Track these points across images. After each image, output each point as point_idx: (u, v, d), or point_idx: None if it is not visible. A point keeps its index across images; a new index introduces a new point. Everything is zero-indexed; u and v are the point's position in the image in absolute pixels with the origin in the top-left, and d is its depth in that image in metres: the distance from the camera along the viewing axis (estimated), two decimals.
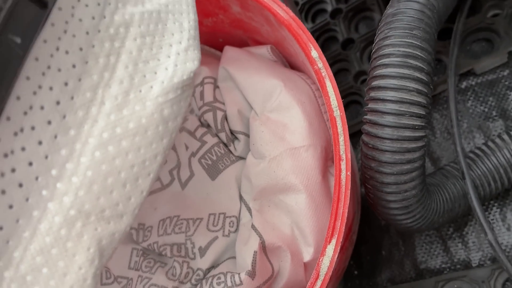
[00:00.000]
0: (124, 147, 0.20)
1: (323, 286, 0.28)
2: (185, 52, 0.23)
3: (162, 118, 0.21)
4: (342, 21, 0.52)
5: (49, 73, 0.18)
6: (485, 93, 0.43)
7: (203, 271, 0.35)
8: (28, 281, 0.18)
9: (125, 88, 0.20)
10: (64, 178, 0.18)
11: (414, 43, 0.31)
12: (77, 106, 0.19)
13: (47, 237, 0.18)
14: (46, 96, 0.18)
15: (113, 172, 0.19)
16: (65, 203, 0.18)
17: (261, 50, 0.41)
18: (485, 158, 0.37)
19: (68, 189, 0.18)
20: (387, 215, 0.35)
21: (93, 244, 0.19)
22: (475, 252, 0.40)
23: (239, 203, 0.37)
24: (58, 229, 0.18)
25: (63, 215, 0.18)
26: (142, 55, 0.21)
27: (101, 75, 0.20)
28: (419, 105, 0.31)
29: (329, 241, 0.28)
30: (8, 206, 0.17)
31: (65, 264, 0.18)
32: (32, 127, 0.17)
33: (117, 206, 0.20)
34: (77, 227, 0.19)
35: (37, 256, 0.18)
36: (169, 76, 0.22)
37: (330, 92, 0.30)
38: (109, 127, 0.19)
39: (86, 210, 0.19)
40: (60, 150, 0.18)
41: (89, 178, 0.19)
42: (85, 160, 0.19)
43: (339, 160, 0.29)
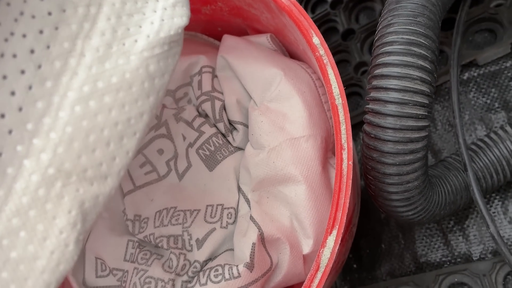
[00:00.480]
0: (107, 102, 0.19)
1: (323, 278, 0.27)
2: (173, 7, 0.22)
3: (148, 74, 0.20)
4: (343, 11, 0.52)
5: (22, 20, 0.17)
6: (488, 84, 0.42)
7: (200, 263, 0.34)
8: (4, 245, 0.17)
9: (107, 41, 0.19)
10: (41, 133, 0.17)
11: (418, 31, 0.30)
12: (53, 56, 0.18)
13: (24, 197, 0.17)
14: (19, 43, 0.17)
15: (95, 129, 0.18)
16: (42, 160, 0.17)
17: (261, 39, 0.40)
18: (487, 150, 0.36)
19: (46, 145, 0.17)
20: (388, 207, 0.34)
21: (74, 207, 0.18)
22: (476, 246, 0.39)
23: (237, 195, 0.37)
24: (35, 189, 0.17)
25: (40, 174, 0.17)
26: (126, 7, 0.20)
27: (80, 25, 0.19)
28: (423, 94, 0.30)
29: (330, 232, 0.27)
30: None
31: (45, 228, 0.17)
32: (3, 76, 0.16)
33: (100, 166, 0.19)
34: (57, 187, 0.17)
35: (13, 218, 0.17)
36: (155, 30, 0.21)
37: (332, 80, 0.29)
38: (90, 80, 0.18)
39: (66, 169, 0.18)
40: (36, 102, 0.17)
41: (68, 134, 0.18)
42: (64, 114, 0.18)
43: (340, 150, 0.29)
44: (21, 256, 0.17)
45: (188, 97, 0.42)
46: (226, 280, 0.32)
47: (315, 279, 0.27)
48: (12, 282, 0.17)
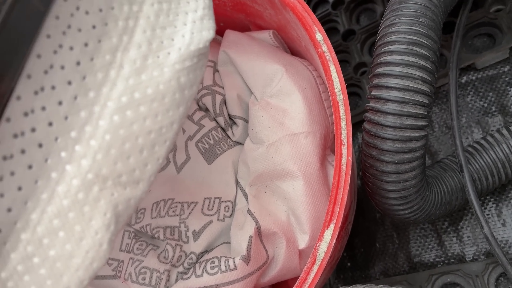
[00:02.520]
0: (142, 112, 0.19)
1: (319, 271, 0.27)
2: (201, 20, 0.23)
3: (179, 85, 0.21)
4: (344, 12, 0.52)
5: (70, 33, 0.18)
6: (485, 88, 0.43)
7: (196, 255, 0.35)
8: (45, 244, 0.18)
9: (144, 53, 0.20)
10: (83, 141, 0.18)
11: (421, 31, 0.31)
12: (96, 68, 0.19)
13: (65, 200, 0.18)
14: (67, 55, 0.18)
15: (130, 137, 0.19)
16: (83, 166, 0.18)
17: (263, 35, 0.40)
18: (483, 152, 0.37)
19: (87, 152, 0.18)
20: (385, 205, 0.34)
21: (109, 209, 0.19)
22: (470, 247, 0.40)
23: (235, 188, 0.37)
24: (75, 192, 0.18)
25: (81, 178, 0.18)
26: (160, 20, 0.21)
27: (120, 38, 0.19)
28: (423, 93, 0.30)
29: (327, 226, 0.28)
30: (28, 166, 0.17)
31: (82, 228, 0.18)
32: (52, 87, 0.17)
33: (133, 172, 0.20)
34: (94, 191, 0.18)
35: (54, 219, 0.17)
36: (186, 43, 0.21)
37: (333, 76, 0.30)
38: (128, 91, 0.19)
39: (103, 174, 0.18)
40: (80, 112, 0.18)
41: (107, 142, 0.18)
42: (103, 123, 0.18)
43: (340, 145, 0.29)
44: (59, 254, 0.18)
45: None
46: (222, 272, 0.32)
47: (311, 272, 0.27)
48: (48, 278, 0.18)
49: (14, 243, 0.17)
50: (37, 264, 0.17)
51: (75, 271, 0.18)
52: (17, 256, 0.17)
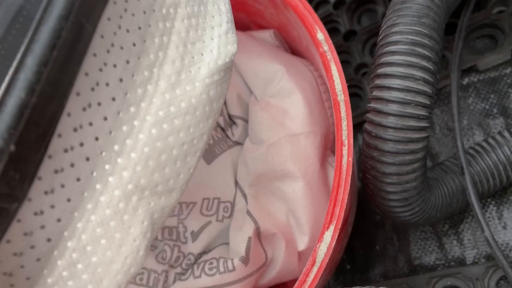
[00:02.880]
0: (177, 125, 0.20)
1: (319, 273, 0.27)
2: (226, 35, 0.23)
3: (209, 98, 0.22)
4: (345, 12, 0.52)
5: (113, 51, 0.18)
6: (487, 90, 0.42)
7: (194, 255, 0.34)
8: (88, 251, 0.18)
9: (177, 68, 0.21)
10: (124, 154, 0.19)
11: (423, 32, 0.31)
12: (137, 84, 0.19)
13: (107, 210, 0.19)
14: (111, 73, 0.18)
15: (166, 149, 0.20)
16: (124, 177, 0.19)
17: (264, 35, 0.40)
18: (484, 154, 0.36)
19: (127, 164, 0.19)
20: (385, 207, 0.34)
21: (146, 218, 0.20)
22: (470, 250, 0.40)
23: (234, 189, 0.37)
24: (117, 202, 0.19)
25: (122, 189, 0.19)
26: (190, 36, 0.22)
27: (156, 54, 0.20)
28: (425, 94, 0.30)
29: (327, 227, 0.27)
30: (76, 179, 0.18)
31: (121, 236, 0.19)
32: (98, 103, 0.18)
33: (168, 182, 0.20)
34: (133, 201, 0.19)
35: (98, 228, 0.18)
36: (214, 58, 0.22)
37: (334, 76, 0.29)
38: (164, 105, 0.20)
39: (142, 184, 0.19)
40: (122, 126, 0.19)
41: (146, 154, 0.19)
42: (143, 136, 0.19)
43: (340, 146, 0.29)
44: (100, 260, 0.19)
45: None
46: (220, 274, 0.32)
47: (310, 273, 0.27)
48: (90, 283, 0.19)
49: (61, 251, 0.18)
50: (80, 270, 0.18)
51: (114, 276, 0.19)
52: (63, 263, 0.18)
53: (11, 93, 0.14)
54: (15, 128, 0.14)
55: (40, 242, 0.17)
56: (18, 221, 0.16)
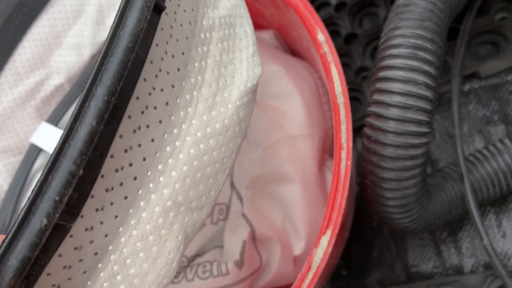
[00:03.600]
0: (211, 145, 0.21)
1: (314, 278, 0.26)
2: (252, 57, 0.24)
3: (239, 119, 0.23)
4: (346, 15, 0.51)
5: (160, 76, 0.19)
6: (488, 97, 0.42)
7: (187, 258, 0.34)
8: (128, 263, 0.19)
9: (213, 91, 0.22)
10: (166, 172, 0.20)
11: (425, 36, 0.30)
12: (180, 107, 0.20)
13: (148, 225, 0.19)
14: (159, 97, 0.19)
15: (201, 168, 0.21)
16: (164, 194, 0.20)
17: (264, 35, 0.39)
18: (485, 162, 0.36)
19: (168, 182, 0.20)
20: (383, 213, 0.33)
21: (181, 232, 0.21)
22: (468, 258, 0.39)
23: (230, 191, 0.36)
24: (156, 218, 0.20)
25: (162, 206, 0.20)
26: (223, 59, 0.23)
27: (196, 78, 0.21)
28: (426, 99, 0.29)
29: (324, 232, 0.27)
30: (124, 197, 0.18)
31: (158, 249, 0.20)
32: (147, 126, 0.19)
33: (201, 198, 0.21)
34: (171, 216, 0.20)
35: (138, 242, 0.19)
36: (244, 81, 0.23)
37: (334, 78, 0.29)
38: (202, 127, 0.21)
39: (179, 201, 0.20)
40: (166, 147, 0.20)
41: (184, 172, 0.20)
42: (182, 156, 0.20)
43: (339, 149, 0.28)
44: (138, 272, 0.20)
45: None
46: (214, 277, 0.31)
47: (305, 279, 0.26)
48: None
49: (105, 264, 0.19)
50: (119, 281, 0.19)
51: (149, 286, 0.20)
52: (105, 274, 0.19)
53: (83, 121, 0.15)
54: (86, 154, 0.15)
55: (88, 255, 0.18)
56: (70, 236, 0.17)
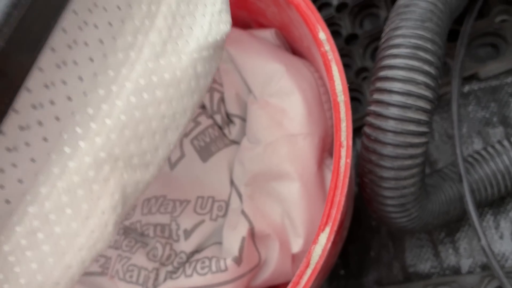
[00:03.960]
0: (158, 96, 0.20)
1: (313, 275, 0.26)
2: (219, 14, 0.23)
3: (195, 73, 0.21)
4: (347, 16, 0.51)
5: (96, 11, 0.18)
6: (487, 98, 0.42)
7: (186, 254, 0.34)
8: (51, 219, 0.17)
9: (164, 38, 0.20)
10: (99, 118, 0.18)
11: (426, 36, 0.30)
12: (118, 48, 0.19)
13: (75, 176, 0.18)
14: (91, 33, 0.18)
15: (145, 120, 0.19)
16: (96, 143, 0.18)
17: (265, 34, 0.39)
18: (483, 163, 0.36)
19: (101, 130, 0.18)
20: (382, 212, 0.33)
21: (118, 190, 0.19)
22: (466, 259, 0.39)
23: (229, 188, 0.36)
24: (86, 170, 0.18)
25: (93, 156, 0.18)
26: (180, 9, 0.21)
27: (142, 21, 0.20)
28: (426, 99, 0.30)
29: (322, 229, 0.27)
30: (43, 138, 0.17)
31: (89, 207, 0.18)
32: (74, 62, 0.17)
33: (145, 155, 0.20)
34: (105, 170, 0.18)
35: (63, 195, 0.17)
36: (204, 34, 0.22)
37: (335, 76, 0.29)
38: (146, 74, 0.19)
39: (115, 154, 0.19)
40: (98, 89, 0.18)
41: (122, 122, 0.19)
42: (120, 103, 0.19)
43: (339, 147, 0.28)
44: (64, 231, 0.18)
45: None
46: (212, 273, 0.31)
47: (304, 275, 0.26)
48: (51, 256, 0.18)
49: (20, 216, 0.17)
50: (41, 240, 0.17)
51: (79, 250, 0.18)
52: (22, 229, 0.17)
53: None
54: None
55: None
56: None
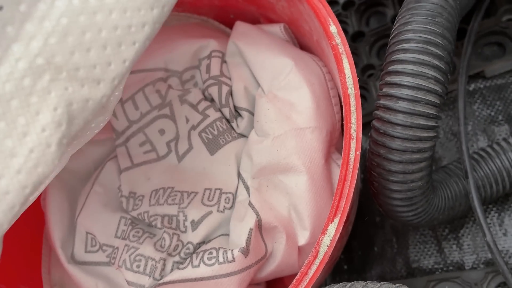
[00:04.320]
0: (108, 3, 0.18)
1: (321, 265, 0.26)
2: None
3: None
4: (354, 13, 0.52)
5: None
6: (493, 97, 0.42)
7: (193, 245, 0.34)
8: None
9: None
10: (34, 19, 0.16)
11: (436, 31, 0.30)
12: None
13: (7, 84, 0.16)
14: None
15: (92, 27, 0.17)
16: (32, 47, 0.16)
17: (274, 28, 0.39)
18: (489, 159, 0.36)
19: (37, 32, 0.16)
20: (388, 206, 0.34)
21: (61, 105, 0.17)
22: (469, 255, 0.39)
23: (236, 180, 0.36)
24: (21, 77, 0.16)
25: (28, 61, 0.16)
26: None
27: None
28: (436, 93, 0.30)
29: (331, 220, 0.27)
30: None
31: (26, 122, 0.16)
32: None
33: (93, 69, 0.18)
34: (44, 80, 0.16)
35: None
36: None
37: (346, 69, 0.29)
38: None
39: (56, 62, 0.17)
40: None
41: (63, 26, 0.17)
42: (60, 4, 0.17)
43: (349, 139, 0.28)
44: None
45: (194, 80, 0.42)
46: (219, 264, 0.31)
47: (312, 265, 0.26)
48: None
49: None
50: None
51: (16, 173, 0.16)
52: None
53: None
54: None
55: None
56: None
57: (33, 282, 0.40)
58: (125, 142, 0.40)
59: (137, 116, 0.40)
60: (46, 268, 0.41)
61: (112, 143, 0.42)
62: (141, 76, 0.41)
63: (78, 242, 0.38)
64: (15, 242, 0.40)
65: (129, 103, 0.41)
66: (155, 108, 0.40)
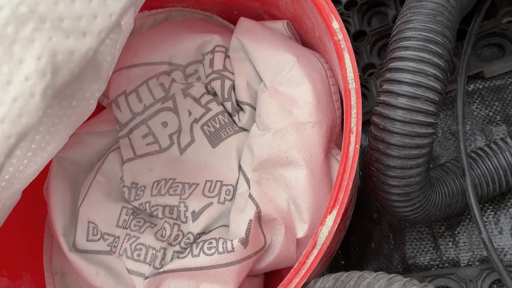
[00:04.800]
0: None
1: (318, 255, 0.27)
2: None
3: None
4: (356, 13, 0.52)
5: None
6: (492, 97, 0.43)
7: (193, 235, 0.34)
8: None
9: None
10: None
11: (437, 29, 0.31)
12: None
13: None
14: None
15: None
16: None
17: (277, 25, 0.40)
18: (486, 158, 0.37)
19: None
20: (386, 201, 0.34)
21: (45, 54, 0.17)
22: (465, 252, 0.40)
23: (237, 173, 0.37)
24: (3, 24, 0.16)
25: (11, 8, 0.16)
26: None
27: None
28: (435, 91, 0.30)
29: (330, 211, 0.28)
30: None
31: (9, 70, 0.16)
32: None
33: (79, 20, 0.17)
34: (28, 29, 0.16)
35: None
36: None
37: (347, 64, 0.30)
38: None
39: (40, 12, 0.16)
40: None
41: None
42: None
43: (349, 133, 0.29)
44: None
45: (198, 74, 0.42)
46: (219, 254, 0.32)
47: (310, 255, 0.27)
48: None
49: None
50: None
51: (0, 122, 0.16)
52: None
53: None
54: None
55: None
56: None
57: (35, 269, 0.41)
58: (128, 134, 0.41)
59: (140, 109, 0.41)
60: (47, 256, 0.42)
61: (115, 135, 0.42)
62: (145, 69, 0.42)
63: (80, 231, 0.38)
64: (17, 230, 0.41)
65: (133, 95, 0.41)
66: (158, 101, 0.41)
